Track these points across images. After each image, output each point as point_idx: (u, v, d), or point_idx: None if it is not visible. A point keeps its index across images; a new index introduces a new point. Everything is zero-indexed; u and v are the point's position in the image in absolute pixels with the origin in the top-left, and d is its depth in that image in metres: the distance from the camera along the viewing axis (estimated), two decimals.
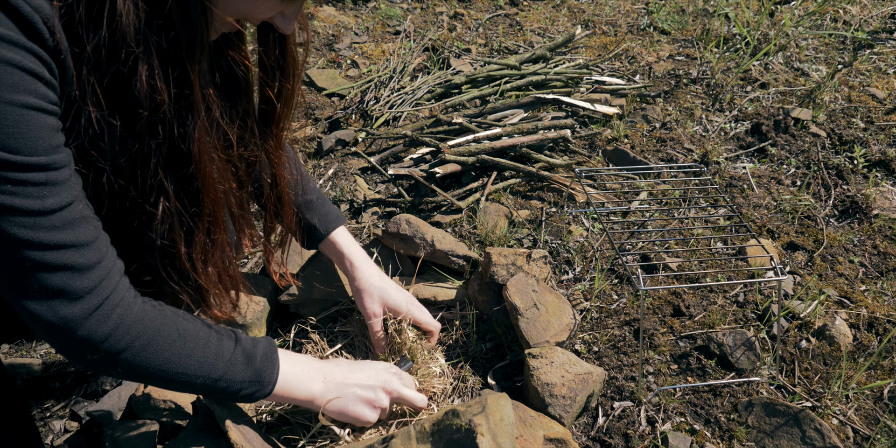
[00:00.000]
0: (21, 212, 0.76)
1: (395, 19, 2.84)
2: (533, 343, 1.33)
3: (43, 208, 0.77)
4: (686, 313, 1.48)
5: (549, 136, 1.89)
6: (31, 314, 0.81)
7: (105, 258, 0.86)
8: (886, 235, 1.70)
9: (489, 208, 1.74)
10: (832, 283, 1.57)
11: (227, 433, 1.06)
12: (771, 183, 1.88)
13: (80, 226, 0.82)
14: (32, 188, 0.76)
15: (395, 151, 2.01)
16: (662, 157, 1.98)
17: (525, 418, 1.16)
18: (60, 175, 0.79)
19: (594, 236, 1.69)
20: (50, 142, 0.77)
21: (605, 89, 2.25)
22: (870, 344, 1.41)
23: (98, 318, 0.84)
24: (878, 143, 2.00)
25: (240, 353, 1.00)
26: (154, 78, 0.81)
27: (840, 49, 2.55)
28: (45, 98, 0.76)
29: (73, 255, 0.81)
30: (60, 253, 0.80)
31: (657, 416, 1.27)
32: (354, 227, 1.77)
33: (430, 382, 1.28)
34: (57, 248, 0.79)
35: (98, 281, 0.84)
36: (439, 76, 2.39)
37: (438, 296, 1.51)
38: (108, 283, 0.86)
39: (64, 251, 0.80)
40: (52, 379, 1.41)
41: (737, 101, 2.22)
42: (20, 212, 0.76)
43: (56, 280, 0.80)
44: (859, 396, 1.30)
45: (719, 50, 2.53)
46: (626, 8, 2.97)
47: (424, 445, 0.99)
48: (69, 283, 0.81)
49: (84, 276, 0.83)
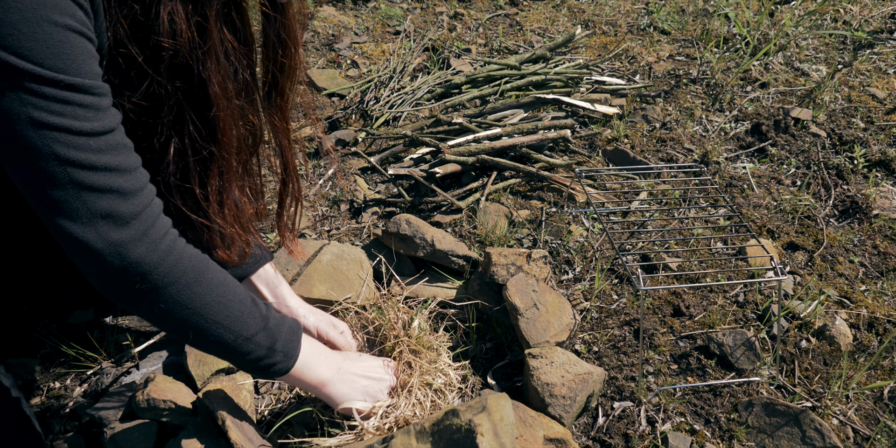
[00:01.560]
0: (68, 130, 0.77)
1: (395, 19, 2.84)
2: (533, 343, 1.33)
3: (90, 130, 0.78)
4: (686, 313, 1.48)
5: (549, 136, 1.89)
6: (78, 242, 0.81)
7: (147, 188, 0.87)
8: (886, 235, 1.70)
9: (489, 208, 1.74)
10: (832, 283, 1.57)
11: (227, 433, 1.06)
12: (771, 183, 1.88)
13: (123, 152, 0.84)
14: (79, 109, 0.77)
15: (395, 151, 2.01)
16: (662, 157, 1.98)
17: (525, 418, 1.16)
18: (103, 102, 0.81)
19: (594, 236, 1.69)
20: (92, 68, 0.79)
21: (605, 89, 2.25)
22: (870, 344, 1.41)
23: (149, 245, 0.85)
24: (878, 143, 2.00)
25: (272, 319, 1.00)
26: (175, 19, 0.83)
27: (840, 49, 2.55)
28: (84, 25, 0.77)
29: (118, 179, 0.82)
30: (107, 175, 0.81)
31: (657, 416, 1.27)
32: (354, 227, 1.77)
33: (441, 374, 1.29)
34: (104, 170, 0.80)
35: (143, 207, 0.85)
36: (439, 76, 2.39)
37: (438, 296, 1.51)
38: (153, 211, 0.87)
39: (110, 174, 0.81)
40: (53, 379, 1.41)
41: (737, 101, 2.22)
42: (67, 130, 0.77)
43: (103, 203, 0.81)
44: (859, 396, 1.30)
45: (719, 50, 2.53)
46: (626, 8, 2.97)
47: (424, 445, 0.99)
48: (116, 206, 0.82)
49: (130, 201, 0.83)
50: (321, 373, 1.09)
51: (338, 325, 1.30)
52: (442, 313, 1.48)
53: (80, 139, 0.78)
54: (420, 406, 1.22)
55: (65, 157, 0.77)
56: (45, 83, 0.74)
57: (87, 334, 1.47)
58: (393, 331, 1.30)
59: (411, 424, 1.04)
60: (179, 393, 1.25)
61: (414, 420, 1.18)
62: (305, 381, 1.08)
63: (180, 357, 1.38)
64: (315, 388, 1.10)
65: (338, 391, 1.12)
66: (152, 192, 0.89)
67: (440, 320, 1.46)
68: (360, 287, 1.49)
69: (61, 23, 0.74)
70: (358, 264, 1.53)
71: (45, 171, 0.77)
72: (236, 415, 1.12)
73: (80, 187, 0.79)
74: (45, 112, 0.75)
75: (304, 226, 1.76)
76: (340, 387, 1.12)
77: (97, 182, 0.80)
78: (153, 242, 0.85)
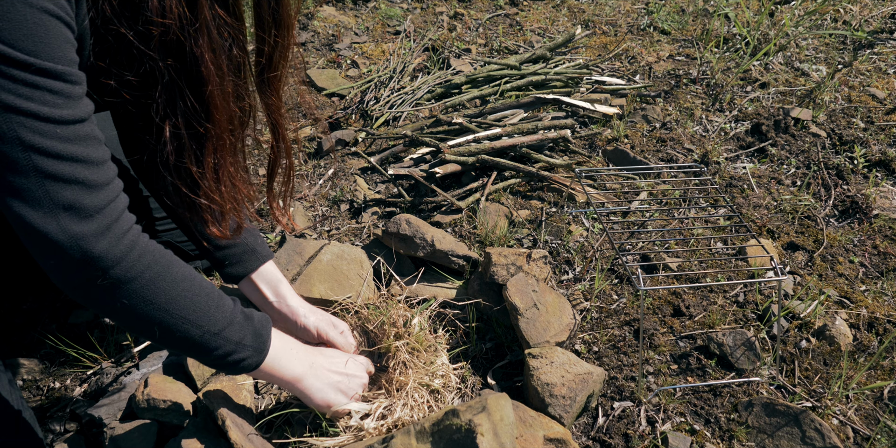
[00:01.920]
0: (35, 116, 0.74)
1: (395, 19, 2.84)
2: (533, 343, 1.33)
3: (58, 117, 0.76)
4: (686, 313, 1.48)
5: (549, 136, 1.89)
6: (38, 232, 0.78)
7: (113, 182, 0.85)
8: (886, 235, 1.70)
9: (489, 208, 1.74)
10: (832, 283, 1.57)
11: (227, 433, 1.06)
12: (771, 183, 1.88)
13: (91, 143, 0.81)
14: (49, 95, 0.75)
15: (395, 151, 2.01)
16: (662, 157, 1.98)
17: (525, 418, 1.16)
18: (76, 90, 0.79)
19: (594, 236, 1.69)
20: (67, 53, 0.77)
21: (605, 89, 2.25)
22: (870, 344, 1.41)
23: (111, 239, 0.83)
24: (878, 143, 2.00)
25: (239, 313, 0.99)
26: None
27: (840, 49, 2.55)
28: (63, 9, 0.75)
29: (84, 171, 0.80)
30: (73, 166, 0.78)
31: (657, 416, 1.27)
32: (354, 227, 1.77)
33: (441, 375, 1.29)
34: (70, 160, 0.78)
35: (107, 201, 0.83)
36: (439, 76, 2.39)
37: (438, 296, 1.51)
38: (117, 205, 0.85)
39: (76, 164, 0.79)
40: (53, 379, 1.41)
41: (737, 101, 2.22)
42: (35, 116, 0.74)
43: (67, 193, 0.78)
44: (859, 396, 1.30)
45: (719, 50, 2.53)
46: (626, 8, 2.96)
47: (424, 445, 0.99)
48: (80, 198, 0.80)
49: (95, 194, 0.81)
50: (294, 368, 1.08)
51: (338, 324, 1.30)
52: (442, 313, 1.48)
53: (47, 126, 0.75)
54: (418, 407, 1.22)
55: (30, 142, 0.74)
56: (14, 65, 0.72)
57: (87, 334, 1.47)
58: (393, 329, 1.30)
59: (411, 424, 1.04)
60: (179, 393, 1.25)
61: (410, 420, 1.18)
62: (278, 377, 1.07)
63: (180, 357, 1.38)
64: (289, 383, 1.09)
65: (311, 386, 1.11)
66: (119, 187, 0.87)
67: (440, 320, 1.46)
68: (360, 287, 1.49)
69: (37, 5, 0.72)
70: (358, 264, 1.53)
71: (8, 156, 0.74)
72: (236, 415, 1.12)
73: (44, 176, 0.76)
74: (13, 95, 0.73)
75: (305, 226, 1.76)
76: (313, 382, 1.11)
77: (62, 171, 0.78)
78: (116, 237, 0.83)
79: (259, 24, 0.99)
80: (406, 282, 1.54)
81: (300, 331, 1.26)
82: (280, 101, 1.11)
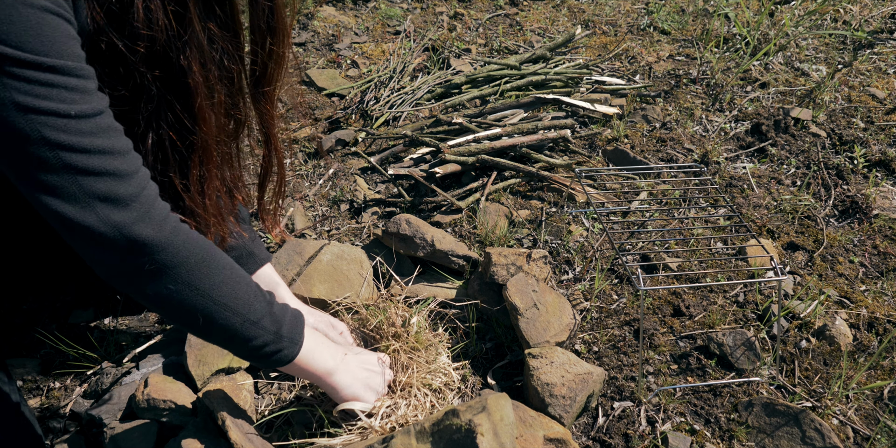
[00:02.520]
0: (56, 114, 0.75)
1: (395, 19, 2.84)
2: (533, 343, 1.33)
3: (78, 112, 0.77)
4: (686, 313, 1.48)
5: (549, 136, 1.89)
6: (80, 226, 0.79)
7: (141, 170, 0.86)
8: (886, 235, 1.70)
9: (489, 208, 1.74)
10: (832, 283, 1.57)
11: (227, 433, 1.06)
12: (771, 183, 1.88)
13: (114, 134, 0.82)
14: (64, 92, 0.76)
15: (395, 151, 2.01)
16: (662, 157, 1.98)
17: (525, 418, 1.16)
18: (89, 84, 0.79)
19: (594, 236, 1.69)
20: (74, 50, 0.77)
21: (605, 89, 2.25)
22: (870, 344, 1.41)
23: (154, 225, 0.83)
24: (878, 143, 2.00)
25: (276, 304, 1.00)
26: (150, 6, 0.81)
27: (840, 49, 2.55)
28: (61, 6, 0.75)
29: (113, 161, 0.80)
30: (101, 158, 0.79)
31: (657, 416, 1.27)
32: (354, 227, 1.77)
33: (441, 374, 1.29)
34: (97, 153, 0.79)
35: (140, 189, 0.84)
36: (439, 76, 2.39)
37: (438, 296, 1.51)
38: (150, 192, 0.85)
39: (104, 156, 0.79)
40: (53, 379, 1.41)
41: (737, 101, 2.22)
42: (55, 114, 0.75)
43: (100, 186, 0.79)
44: (859, 396, 1.30)
45: (719, 50, 2.53)
46: (626, 8, 2.96)
47: (424, 445, 0.99)
48: (114, 188, 0.80)
49: (127, 183, 0.82)
50: (326, 361, 1.09)
51: (337, 325, 1.30)
52: (442, 313, 1.48)
53: (69, 122, 0.76)
54: (420, 406, 1.22)
55: (55, 140, 0.75)
56: (26, 66, 0.72)
57: (87, 334, 1.47)
58: (392, 327, 1.31)
59: (411, 424, 1.04)
60: (179, 393, 1.25)
61: (413, 420, 1.18)
62: (310, 370, 1.07)
63: (180, 357, 1.38)
64: (320, 377, 1.09)
65: (342, 381, 1.11)
66: (147, 175, 0.87)
67: (440, 320, 1.46)
68: (359, 287, 1.49)
69: (38, 5, 0.72)
70: (358, 264, 1.53)
71: (37, 157, 0.75)
72: (236, 415, 1.12)
73: (75, 171, 0.77)
74: (30, 96, 0.73)
75: (305, 226, 1.76)
76: (345, 376, 1.12)
77: (92, 165, 0.78)
78: (158, 222, 0.84)
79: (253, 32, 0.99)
80: (406, 282, 1.54)
81: None
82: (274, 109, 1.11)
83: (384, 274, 1.56)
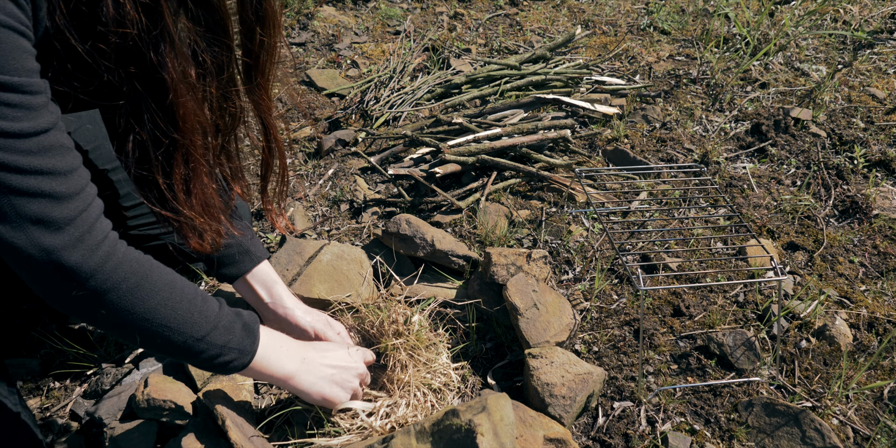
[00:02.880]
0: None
1: (395, 19, 2.84)
2: (533, 343, 1.33)
3: (18, 130, 0.74)
4: (686, 313, 1.48)
5: (549, 136, 1.89)
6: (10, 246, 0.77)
7: (84, 191, 0.83)
8: (886, 235, 1.70)
9: (489, 208, 1.74)
10: (832, 283, 1.57)
11: (227, 433, 1.06)
12: (771, 183, 1.88)
13: (57, 153, 0.79)
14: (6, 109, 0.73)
15: (395, 151, 2.01)
16: (662, 157, 1.98)
17: (525, 418, 1.16)
18: (36, 100, 0.77)
19: (594, 236, 1.69)
20: (24, 64, 0.75)
21: (605, 89, 2.25)
22: (870, 344, 1.41)
23: (85, 251, 0.81)
24: (878, 143, 2.00)
25: (224, 317, 0.98)
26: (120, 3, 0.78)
27: (840, 49, 2.55)
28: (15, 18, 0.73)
29: (50, 183, 0.78)
30: (37, 178, 0.77)
31: (657, 416, 1.27)
32: (354, 227, 1.77)
33: (440, 375, 1.29)
34: (34, 173, 0.76)
35: (78, 212, 0.81)
36: (439, 76, 2.39)
37: (438, 296, 1.51)
38: (89, 215, 0.83)
39: (40, 177, 0.77)
40: (52, 379, 1.41)
41: (737, 101, 2.22)
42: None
43: (34, 207, 0.77)
44: (859, 396, 1.30)
45: (719, 50, 2.53)
46: (626, 8, 2.97)
47: (424, 445, 0.99)
48: (48, 210, 0.78)
49: (63, 205, 0.80)
50: (284, 365, 1.07)
51: (334, 325, 1.30)
52: (442, 313, 1.48)
53: (7, 141, 0.74)
54: (420, 406, 1.22)
55: None
56: None
57: (87, 334, 1.47)
58: (393, 326, 1.30)
59: (411, 424, 1.04)
60: (179, 393, 1.25)
61: (413, 420, 1.18)
62: (269, 375, 1.06)
63: None
64: (281, 381, 1.08)
65: (305, 382, 1.10)
66: (91, 195, 0.85)
67: (440, 320, 1.46)
68: (360, 287, 1.49)
69: None
70: (358, 264, 1.53)
71: None
72: (236, 415, 1.12)
73: (9, 191, 0.75)
74: None
75: (305, 226, 1.76)
76: (307, 377, 1.10)
77: (26, 185, 0.76)
78: (90, 248, 0.82)
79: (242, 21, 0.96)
80: (406, 281, 1.54)
81: (296, 332, 1.26)
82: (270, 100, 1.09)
83: (384, 274, 1.56)
